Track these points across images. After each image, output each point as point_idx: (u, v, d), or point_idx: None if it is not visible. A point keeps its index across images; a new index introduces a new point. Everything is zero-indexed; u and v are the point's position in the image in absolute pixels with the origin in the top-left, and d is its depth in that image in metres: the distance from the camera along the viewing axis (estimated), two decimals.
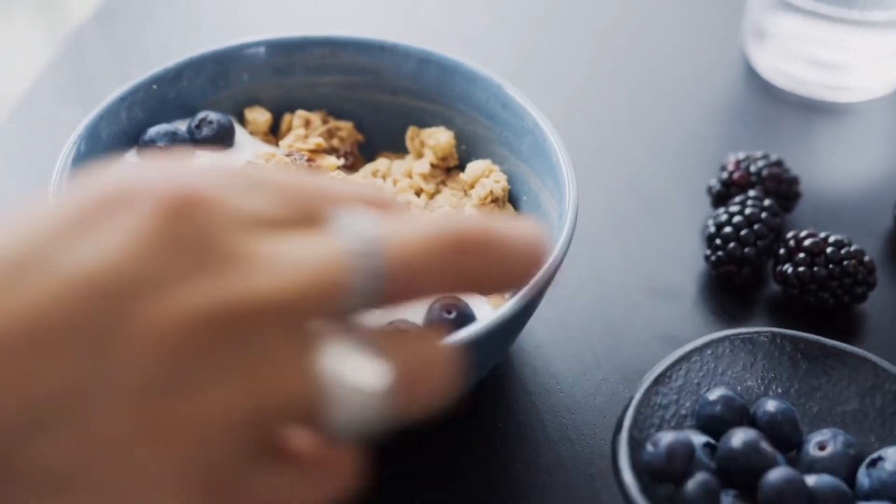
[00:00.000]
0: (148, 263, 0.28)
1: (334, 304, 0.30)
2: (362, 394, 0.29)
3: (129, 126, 0.56)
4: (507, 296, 0.51)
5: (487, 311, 0.49)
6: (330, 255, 0.30)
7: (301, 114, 0.59)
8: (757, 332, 0.51)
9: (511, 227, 0.33)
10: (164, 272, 0.28)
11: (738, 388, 0.50)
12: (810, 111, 0.75)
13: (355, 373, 0.29)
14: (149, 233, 0.28)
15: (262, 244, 0.30)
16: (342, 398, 0.29)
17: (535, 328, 0.57)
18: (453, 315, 0.48)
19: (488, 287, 0.33)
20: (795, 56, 0.75)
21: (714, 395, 0.48)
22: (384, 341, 0.31)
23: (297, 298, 0.29)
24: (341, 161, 0.58)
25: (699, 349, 0.50)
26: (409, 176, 0.58)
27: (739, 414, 0.48)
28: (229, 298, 0.28)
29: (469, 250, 0.32)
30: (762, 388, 0.50)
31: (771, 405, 0.48)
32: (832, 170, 0.71)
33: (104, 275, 0.28)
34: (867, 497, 0.46)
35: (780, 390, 0.50)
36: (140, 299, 0.28)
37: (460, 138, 0.59)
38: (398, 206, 0.34)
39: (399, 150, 0.61)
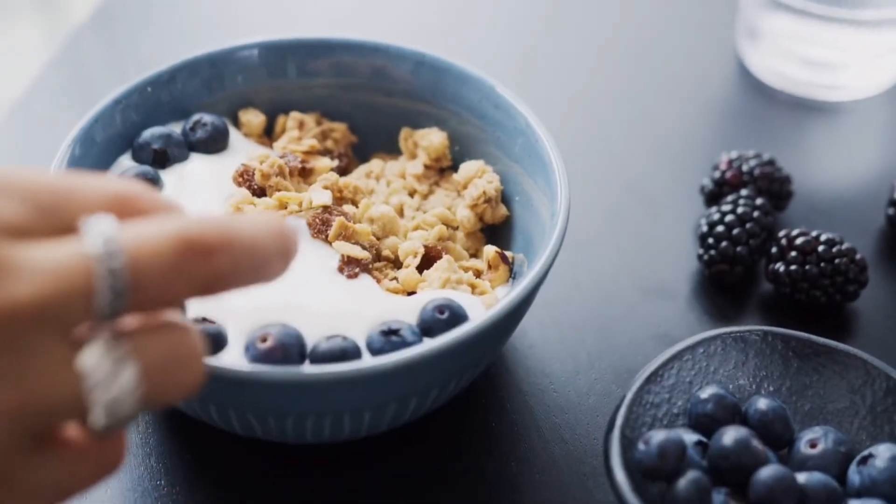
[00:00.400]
0: None
1: (87, 307, 0.32)
2: (117, 390, 0.32)
3: (123, 129, 0.56)
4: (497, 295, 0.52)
5: (480, 310, 0.49)
6: (76, 260, 0.32)
7: (295, 115, 0.60)
8: (748, 331, 0.51)
9: (252, 224, 0.35)
10: None
11: (731, 386, 0.50)
12: (803, 110, 0.75)
13: (109, 371, 0.32)
14: None
15: (13, 251, 0.32)
16: (98, 396, 0.32)
17: (529, 328, 0.58)
18: (446, 315, 0.48)
19: (239, 284, 0.35)
20: (788, 55, 0.75)
21: (706, 393, 0.49)
22: (138, 338, 0.33)
23: (50, 303, 0.31)
24: (335, 162, 0.58)
25: (691, 348, 0.50)
26: (403, 177, 0.59)
27: (731, 412, 0.48)
28: None
29: (210, 251, 0.34)
30: (754, 387, 0.50)
31: (762, 403, 0.49)
32: (825, 168, 0.71)
33: None
34: (858, 494, 0.46)
35: (771, 388, 0.50)
36: None
37: (454, 139, 0.59)
38: (149, 200, 0.36)
39: (393, 151, 0.61)
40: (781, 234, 0.60)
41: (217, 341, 0.46)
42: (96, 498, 0.49)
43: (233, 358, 0.46)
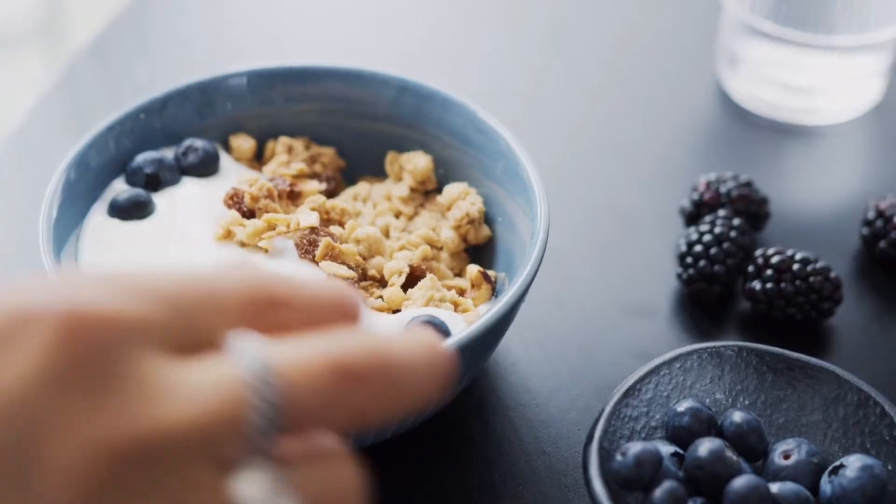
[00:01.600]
0: (51, 392, 0.29)
1: (237, 434, 0.31)
2: None
3: (117, 154, 0.58)
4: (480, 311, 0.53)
5: (462, 326, 0.51)
6: (228, 384, 0.31)
7: (284, 140, 0.61)
8: (724, 346, 0.52)
9: (405, 345, 0.33)
10: (67, 401, 0.29)
11: (707, 400, 0.52)
12: (781, 134, 0.77)
13: (268, 502, 0.31)
14: (47, 358, 0.29)
15: (164, 371, 0.30)
16: None
17: (512, 346, 0.59)
18: None
19: (390, 411, 0.33)
20: (766, 81, 0.77)
21: (682, 406, 0.50)
22: (296, 468, 0.32)
23: (201, 430, 0.30)
24: (323, 186, 0.60)
25: (668, 363, 0.51)
26: (389, 199, 0.60)
27: (707, 425, 0.50)
28: (137, 431, 0.29)
29: (363, 377, 0.32)
30: (729, 400, 0.52)
31: (738, 416, 0.50)
32: (801, 190, 0.73)
33: (9, 409, 0.29)
34: (829, 503, 0.47)
35: (746, 402, 0.52)
36: (50, 433, 0.29)
37: (438, 162, 0.61)
38: (288, 292, 0.34)
39: (379, 174, 0.63)
40: (758, 252, 0.61)
41: None
42: None
43: None
